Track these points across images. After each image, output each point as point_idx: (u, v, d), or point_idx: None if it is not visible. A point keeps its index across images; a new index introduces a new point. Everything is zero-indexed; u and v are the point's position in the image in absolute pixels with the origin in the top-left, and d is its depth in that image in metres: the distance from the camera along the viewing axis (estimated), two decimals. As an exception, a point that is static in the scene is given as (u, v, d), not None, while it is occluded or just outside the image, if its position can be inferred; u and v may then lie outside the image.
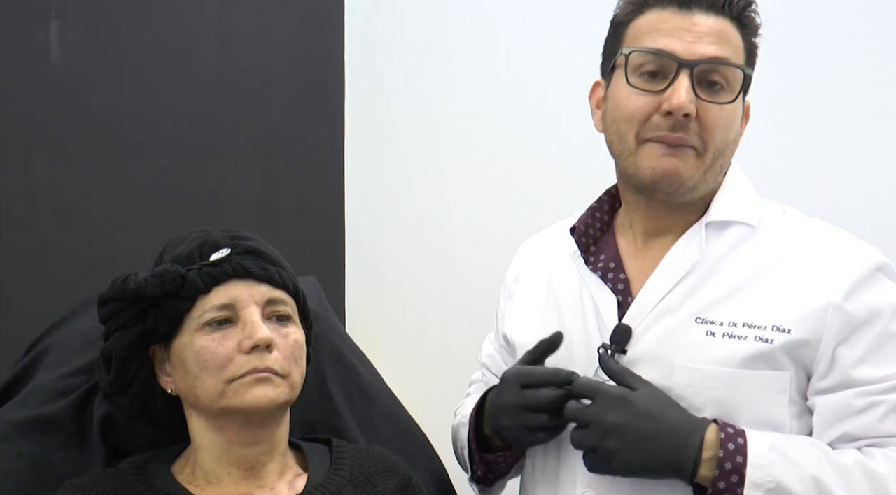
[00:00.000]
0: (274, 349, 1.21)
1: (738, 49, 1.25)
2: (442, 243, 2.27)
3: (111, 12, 2.01)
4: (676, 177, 1.24)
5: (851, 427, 1.20)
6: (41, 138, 1.90)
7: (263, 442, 1.24)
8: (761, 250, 1.27)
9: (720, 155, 1.26)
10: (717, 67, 1.22)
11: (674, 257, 1.28)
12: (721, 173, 1.29)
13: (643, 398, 1.18)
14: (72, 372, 1.35)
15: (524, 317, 1.41)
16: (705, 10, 1.23)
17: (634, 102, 1.25)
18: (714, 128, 1.23)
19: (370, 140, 2.33)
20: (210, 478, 1.23)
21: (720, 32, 1.23)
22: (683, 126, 1.22)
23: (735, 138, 1.28)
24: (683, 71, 1.21)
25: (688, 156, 1.23)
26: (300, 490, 1.24)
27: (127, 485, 1.20)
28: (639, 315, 1.27)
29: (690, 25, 1.23)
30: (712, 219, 1.28)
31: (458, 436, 1.46)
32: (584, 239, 1.37)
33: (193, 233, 1.28)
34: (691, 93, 1.21)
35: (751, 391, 1.21)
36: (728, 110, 1.24)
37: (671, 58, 1.22)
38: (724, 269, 1.26)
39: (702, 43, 1.22)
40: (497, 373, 1.48)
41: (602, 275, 1.32)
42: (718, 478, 1.15)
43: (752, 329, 1.21)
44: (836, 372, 1.20)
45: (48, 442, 1.29)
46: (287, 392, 1.22)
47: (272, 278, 1.25)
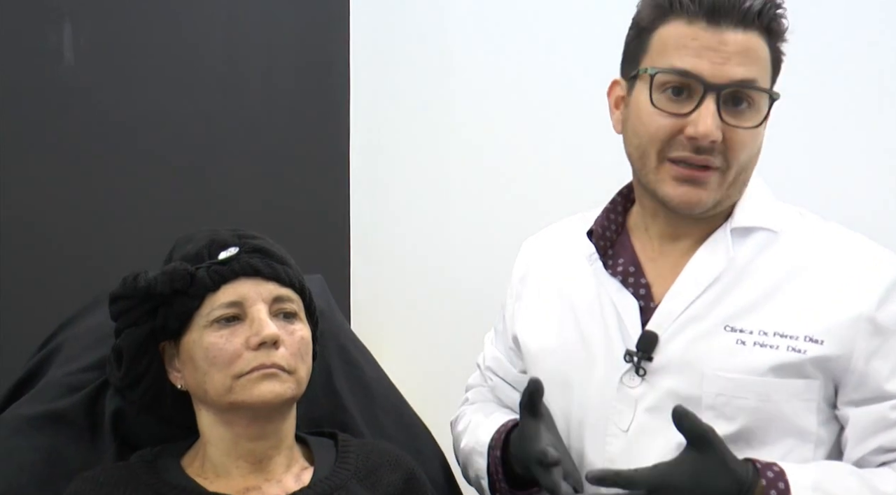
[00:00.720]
0: (281, 345, 1.21)
1: (766, 63, 1.19)
2: (444, 242, 2.27)
3: (122, 17, 2.01)
4: (698, 204, 1.20)
5: (887, 439, 1.17)
6: (54, 139, 1.91)
7: (270, 437, 1.24)
8: (786, 256, 1.23)
9: (742, 171, 1.21)
10: (742, 90, 1.17)
11: (699, 263, 1.24)
12: (744, 187, 1.25)
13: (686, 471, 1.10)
14: (83, 368, 1.36)
15: (537, 321, 1.37)
16: (734, 24, 1.16)
17: (658, 122, 1.19)
18: (739, 150, 1.18)
19: (374, 142, 2.33)
20: (219, 471, 1.24)
21: (748, 50, 1.16)
22: (709, 150, 1.17)
23: (758, 151, 1.23)
24: (710, 95, 1.16)
25: (710, 180, 1.19)
26: (306, 482, 1.24)
27: (138, 478, 1.21)
28: (665, 321, 1.23)
29: (719, 44, 1.16)
30: (737, 225, 1.25)
31: (470, 463, 1.41)
32: (602, 242, 1.32)
33: (202, 232, 1.28)
34: (717, 118, 1.16)
35: (781, 399, 1.18)
36: (755, 132, 1.19)
37: (698, 80, 1.16)
38: (750, 276, 1.22)
39: (730, 64, 1.15)
40: (504, 377, 1.46)
41: (622, 280, 1.28)
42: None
43: (783, 338, 1.18)
44: (871, 385, 1.17)
45: (61, 436, 1.29)
46: (293, 387, 1.22)
47: (279, 276, 1.25)
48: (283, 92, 2.30)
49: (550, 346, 1.33)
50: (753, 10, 1.16)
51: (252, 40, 2.26)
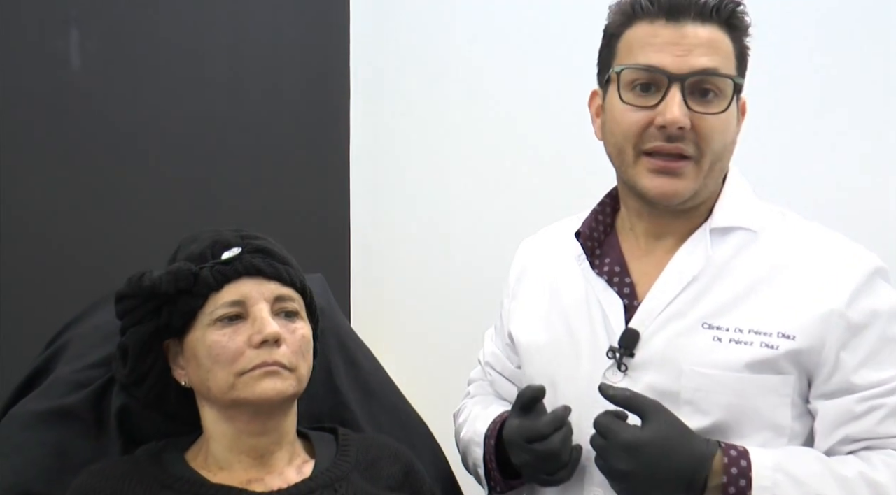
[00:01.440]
0: (282, 343, 1.22)
1: (729, 55, 1.22)
2: (442, 242, 2.27)
3: (128, 22, 2.02)
4: (675, 195, 1.23)
5: (852, 430, 1.19)
6: (60, 142, 1.91)
7: (272, 432, 1.25)
8: (764, 255, 1.25)
9: (718, 160, 1.23)
10: (708, 78, 1.20)
11: (679, 262, 1.26)
12: (720, 177, 1.27)
13: (653, 437, 1.15)
14: (90, 365, 1.36)
15: (529, 318, 1.40)
16: (693, 19, 1.20)
17: (630, 117, 1.23)
18: (710, 137, 1.21)
19: (373, 147, 2.33)
20: (222, 465, 1.24)
21: (710, 41, 1.20)
22: (679, 137, 1.20)
23: (732, 141, 1.25)
24: (675, 85, 1.19)
25: (685, 170, 1.22)
26: (308, 475, 1.25)
27: (143, 471, 1.21)
28: (646, 319, 1.25)
29: (680, 38, 1.20)
30: (716, 225, 1.27)
31: (468, 452, 1.44)
32: (589, 242, 1.34)
33: (206, 233, 1.29)
34: (684, 106, 1.19)
35: (756, 394, 1.20)
36: (722, 118, 1.21)
37: (662, 73, 1.20)
38: (728, 275, 1.24)
39: (692, 55, 1.19)
40: (502, 371, 1.49)
41: (608, 279, 1.30)
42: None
43: (757, 335, 1.20)
44: (839, 377, 1.19)
45: (68, 431, 1.30)
46: (294, 384, 1.23)
47: (281, 276, 1.26)
48: (285, 97, 2.30)
49: (541, 343, 1.35)
50: (710, 4, 1.20)
51: (255, 47, 2.26)
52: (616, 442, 1.16)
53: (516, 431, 1.26)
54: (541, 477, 1.27)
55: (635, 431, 1.16)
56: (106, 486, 1.19)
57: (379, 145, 2.33)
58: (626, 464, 1.15)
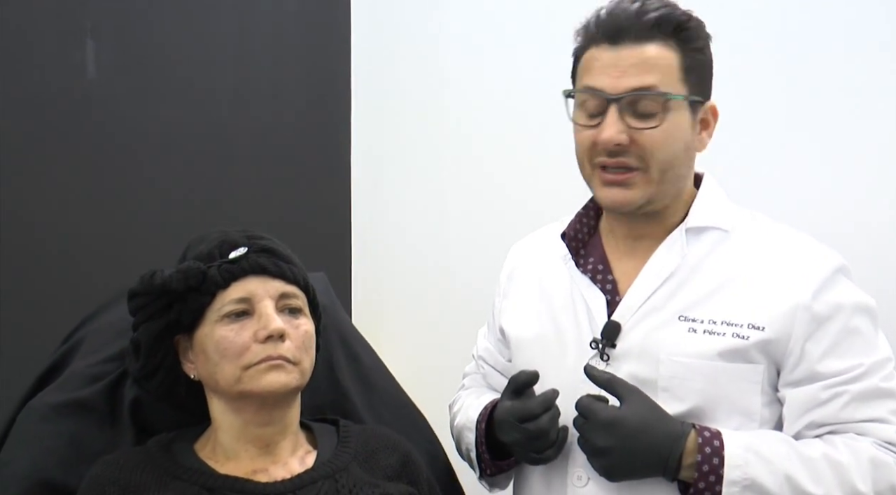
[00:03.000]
0: (286, 338, 1.22)
1: (670, 69, 1.23)
2: (439, 242, 2.26)
3: (141, 34, 2.02)
4: (626, 203, 1.27)
5: (817, 416, 1.22)
6: (77, 146, 1.91)
7: (277, 423, 1.25)
8: (735, 253, 1.28)
9: (668, 168, 1.26)
10: (642, 96, 1.22)
11: (657, 260, 1.29)
12: (679, 183, 1.30)
13: (630, 416, 1.19)
14: (104, 359, 1.37)
15: (519, 314, 1.42)
16: (633, 40, 1.23)
17: (581, 136, 1.28)
18: (651, 150, 1.24)
19: (374, 150, 2.33)
20: (229, 455, 1.25)
21: (646, 61, 1.22)
22: (619, 153, 1.24)
23: (684, 148, 1.27)
24: (612, 105, 1.23)
25: (633, 181, 1.25)
26: (310, 465, 1.26)
27: (154, 461, 1.22)
28: (627, 313, 1.28)
29: (617, 60, 1.23)
30: (690, 225, 1.30)
31: (462, 438, 1.46)
32: (574, 243, 1.38)
33: (214, 233, 1.30)
34: (619, 124, 1.23)
35: (727, 382, 1.23)
36: (662, 130, 1.23)
37: (600, 94, 1.24)
38: (703, 271, 1.28)
39: (626, 75, 1.22)
40: (494, 365, 1.51)
41: (592, 277, 1.34)
42: (698, 480, 1.17)
43: (729, 326, 1.23)
44: (804, 367, 1.22)
45: (83, 422, 1.31)
46: (298, 377, 1.24)
47: (285, 274, 1.27)
48: (288, 104, 2.30)
49: (530, 337, 1.38)
50: (648, 24, 1.22)
51: (260, 55, 2.26)
52: (596, 421, 1.20)
53: (508, 411, 1.28)
54: (530, 456, 1.29)
55: (614, 410, 1.20)
56: (119, 475, 1.20)
57: (379, 149, 2.33)
58: (605, 441, 1.19)
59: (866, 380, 1.21)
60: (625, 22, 1.23)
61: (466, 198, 2.25)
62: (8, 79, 1.82)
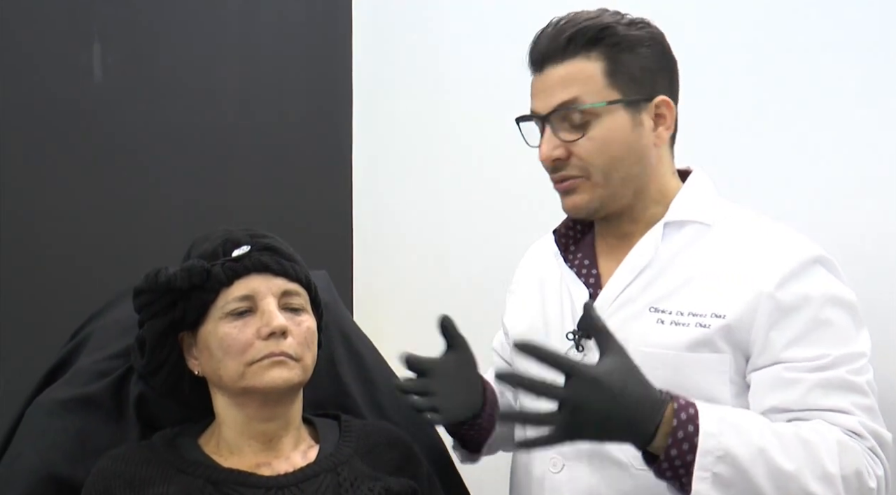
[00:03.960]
0: (289, 335, 1.23)
1: (592, 78, 1.26)
2: (441, 239, 2.26)
3: (147, 38, 2.03)
4: (578, 209, 1.31)
5: (780, 400, 1.19)
6: (83, 147, 1.92)
7: (279, 418, 1.26)
8: (713, 246, 1.28)
9: (610, 171, 1.27)
10: (567, 111, 1.26)
11: (634, 255, 1.31)
12: (631, 184, 1.30)
13: (613, 374, 1.11)
14: (110, 356, 1.37)
15: (518, 309, 1.47)
16: (555, 62, 1.27)
17: (538, 152, 1.31)
18: (589, 157, 1.27)
19: (375, 150, 2.33)
20: (233, 449, 1.25)
21: (566, 77, 1.26)
22: (561, 167, 1.29)
23: (626, 149, 1.28)
24: (545, 125, 1.28)
25: (578, 187, 1.29)
26: (312, 459, 1.26)
27: (159, 455, 1.23)
28: (604, 305, 1.30)
29: (544, 83, 1.29)
30: (669, 219, 1.31)
31: None
32: (564, 240, 1.41)
33: (217, 232, 1.30)
34: (553, 140, 1.27)
35: (694, 372, 1.22)
36: (590, 139, 1.26)
37: (534, 117, 1.30)
38: (676, 265, 1.28)
39: (550, 95, 1.27)
40: (502, 355, 1.55)
41: (577, 271, 1.36)
42: (670, 447, 1.11)
43: (694, 317, 1.24)
44: (768, 354, 1.21)
45: (90, 417, 1.31)
46: (300, 373, 1.24)
47: (287, 272, 1.27)
48: (291, 106, 2.31)
49: (522, 329, 1.41)
50: (563, 43, 1.26)
51: (263, 57, 2.27)
52: (582, 377, 1.09)
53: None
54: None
55: (599, 368, 1.11)
56: (125, 470, 1.20)
57: (380, 148, 2.33)
58: (589, 399, 1.08)
59: (831, 371, 1.19)
60: (545, 48, 1.28)
61: (466, 196, 2.24)
62: (15, 82, 1.82)
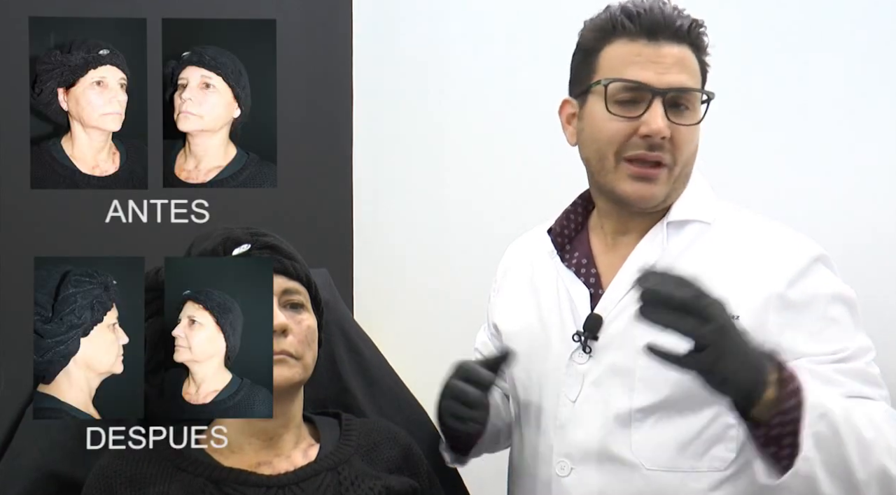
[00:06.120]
0: (289, 334, 1.22)
1: (697, 72, 1.28)
2: (441, 238, 2.27)
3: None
4: (651, 198, 1.28)
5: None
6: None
7: (280, 416, 1.25)
8: (716, 244, 1.28)
9: (686, 166, 1.29)
10: (683, 93, 1.25)
11: (639, 254, 1.30)
12: (687, 181, 1.32)
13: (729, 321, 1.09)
14: (110, 354, 1.37)
15: (509, 309, 1.44)
16: (668, 39, 1.25)
17: (615, 127, 1.26)
18: (683, 146, 1.26)
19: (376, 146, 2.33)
20: (233, 448, 1.25)
21: (683, 60, 1.26)
22: (660, 146, 1.25)
23: (697, 148, 1.31)
24: (657, 99, 1.24)
25: (660, 176, 1.27)
26: (313, 458, 1.26)
27: (160, 453, 1.22)
28: (609, 305, 1.29)
29: (659, 57, 1.25)
30: (672, 219, 1.31)
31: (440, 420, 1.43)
32: (560, 238, 1.39)
33: (218, 230, 1.29)
34: (665, 118, 1.24)
35: None
36: (693, 129, 1.27)
37: (646, 88, 1.24)
38: (683, 263, 1.25)
39: (670, 72, 1.25)
40: (486, 354, 1.49)
41: (576, 271, 1.35)
42: (786, 398, 1.07)
43: None
44: (788, 352, 1.18)
45: (91, 415, 1.30)
46: (301, 372, 1.24)
47: (287, 270, 1.27)
48: (291, 103, 2.31)
49: (517, 330, 1.39)
50: (683, 28, 1.26)
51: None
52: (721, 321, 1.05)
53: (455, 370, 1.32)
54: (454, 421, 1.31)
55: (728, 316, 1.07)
56: (126, 468, 1.20)
57: (380, 147, 2.33)
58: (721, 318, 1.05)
59: (852, 362, 1.19)
60: (662, 21, 1.25)
61: (467, 195, 2.25)
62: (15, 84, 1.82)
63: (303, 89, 2.33)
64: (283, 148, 2.34)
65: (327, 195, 2.35)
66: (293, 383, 1.23)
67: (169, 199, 1.21)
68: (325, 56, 2.38)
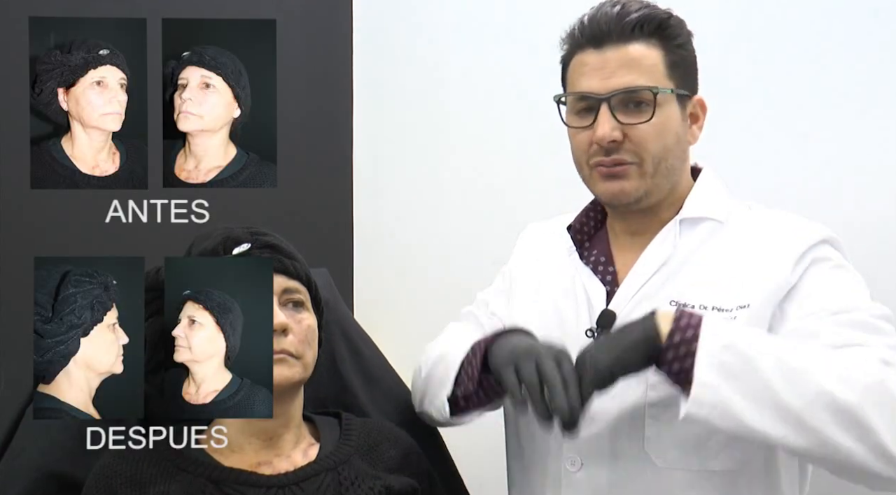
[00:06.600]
0: (289, 333, 1.22)
1: (655, 67, 1.27)
2: (442, 237, 2.26)
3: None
4: (623, 195, 1.29)
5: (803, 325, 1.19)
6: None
7: (280, 416, 1.25)
8: (728, 242, 1.29)
9: (661, 161, 1.28)
10: (630, 94, 1.26)
11: (652, 251, 1.31)
12: (672, 175, 1.31)
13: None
14: (110, 354, 1.37)
15: (523, 303, 1.42)
16: (616, 42, 1.26)
17: (577, 138, 1.31)
18: (644, 143, 1.27)
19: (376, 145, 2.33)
20: (233, 448, 1.25)
21: (631, 60, 1.26)
22: (614, 150, 1.27)
23: (676, 140, 1.30)
24: (603, 104, 1.26)
25: (629, 173, 1.28)
26: (313, 457, 1.26)
27: (160, 453, 1.22)
28: (623, 301, 1.29)
29: (603, 63, 1.27)
30: (684, 216, 1.32)
31: (445, 358, 1.35)
32: (579, 236, 1.41)
33: (218, 230, 1.29)
34: (612, 122, 1.25)
35: None
36: (653, 124, 1.26)
37: (591, 96, 1.27)
38: (695, 260, 1.29)
39: (615, 76, 1.26)
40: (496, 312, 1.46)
41: (593, 268, 1.36)
42: (673, 333, 1.11)
43: (720, 312, 1.23)
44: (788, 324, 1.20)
45: (90, 415, 1.30)
46: (301, 371, 1.24)
47: (287, 270, 1.26)
48: (291, 102, 2.31)
49: (533, 325, 1.34)
50: (630, 25, 1.26)
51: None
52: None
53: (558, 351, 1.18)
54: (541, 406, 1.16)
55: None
56: (126, 468, 1.20)
57: (380, 146, 2.33)
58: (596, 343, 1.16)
59: (854, 313, 1.18)
60: (606, 26, 1.27)
61: (467, 194, 2.25)
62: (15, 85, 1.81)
63: (303, 89, 2.33)
64: (283, 148, 2.34)
65: (327, 195, 2.35)
66: (293, 382, 1.23)
67: (169, 199, 1.21)
68: (325, 56, 2.38)
